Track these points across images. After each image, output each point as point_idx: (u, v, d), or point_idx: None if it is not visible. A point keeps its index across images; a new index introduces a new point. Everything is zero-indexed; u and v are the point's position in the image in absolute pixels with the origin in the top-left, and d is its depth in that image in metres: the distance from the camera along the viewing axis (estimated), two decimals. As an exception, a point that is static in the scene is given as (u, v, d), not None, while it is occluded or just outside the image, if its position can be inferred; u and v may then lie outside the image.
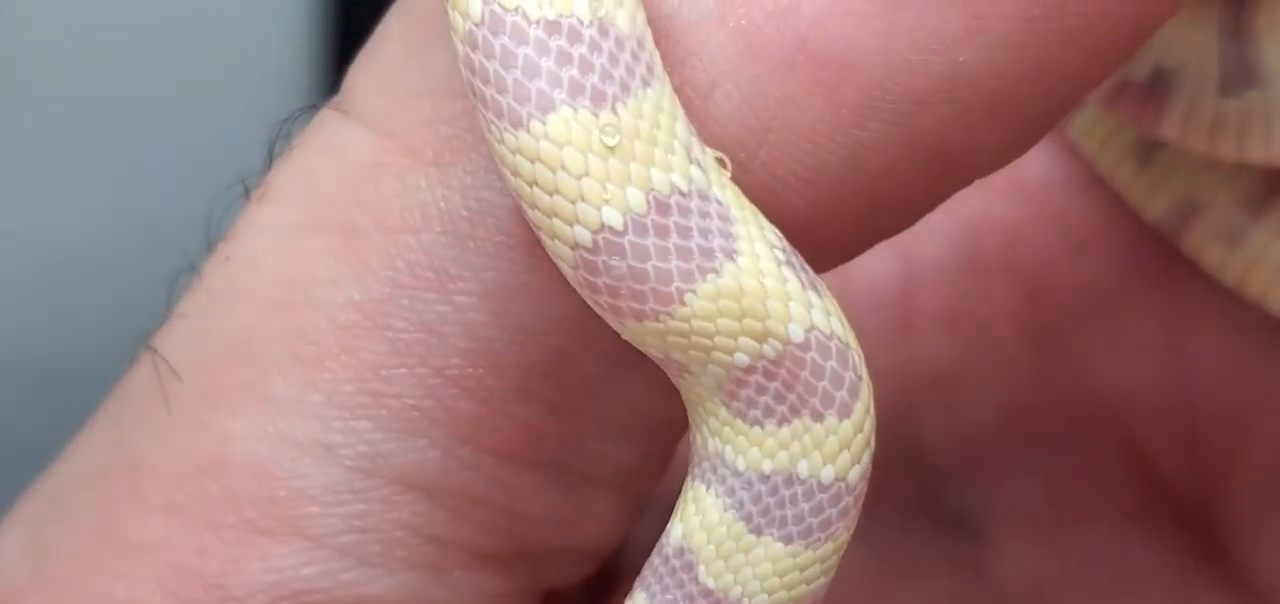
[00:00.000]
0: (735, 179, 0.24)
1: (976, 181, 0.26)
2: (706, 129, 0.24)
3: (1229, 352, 0.34)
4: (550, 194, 0.23)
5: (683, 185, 0.23)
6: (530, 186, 0.23)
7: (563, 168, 0.23)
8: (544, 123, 0.23)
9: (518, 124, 0.23)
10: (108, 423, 0.28)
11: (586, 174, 0.23)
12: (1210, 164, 0.32)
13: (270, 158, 0.28)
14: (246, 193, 0.27)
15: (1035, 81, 0.25)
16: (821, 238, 0.25)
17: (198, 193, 0.29)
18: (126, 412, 0.27)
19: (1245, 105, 0.30)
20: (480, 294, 0.25)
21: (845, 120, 0.24)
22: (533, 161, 0.23)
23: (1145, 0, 0.24)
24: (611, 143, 0.23)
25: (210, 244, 0.28)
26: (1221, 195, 0.33)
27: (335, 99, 0.27)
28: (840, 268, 0.26)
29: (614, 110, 0.23)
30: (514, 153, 0.23)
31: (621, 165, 0.23)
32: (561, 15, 0.23)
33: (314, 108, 0.28)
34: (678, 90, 0.24)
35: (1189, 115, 0.30)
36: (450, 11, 0.24)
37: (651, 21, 0.25)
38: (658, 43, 0.24)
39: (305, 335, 0.26)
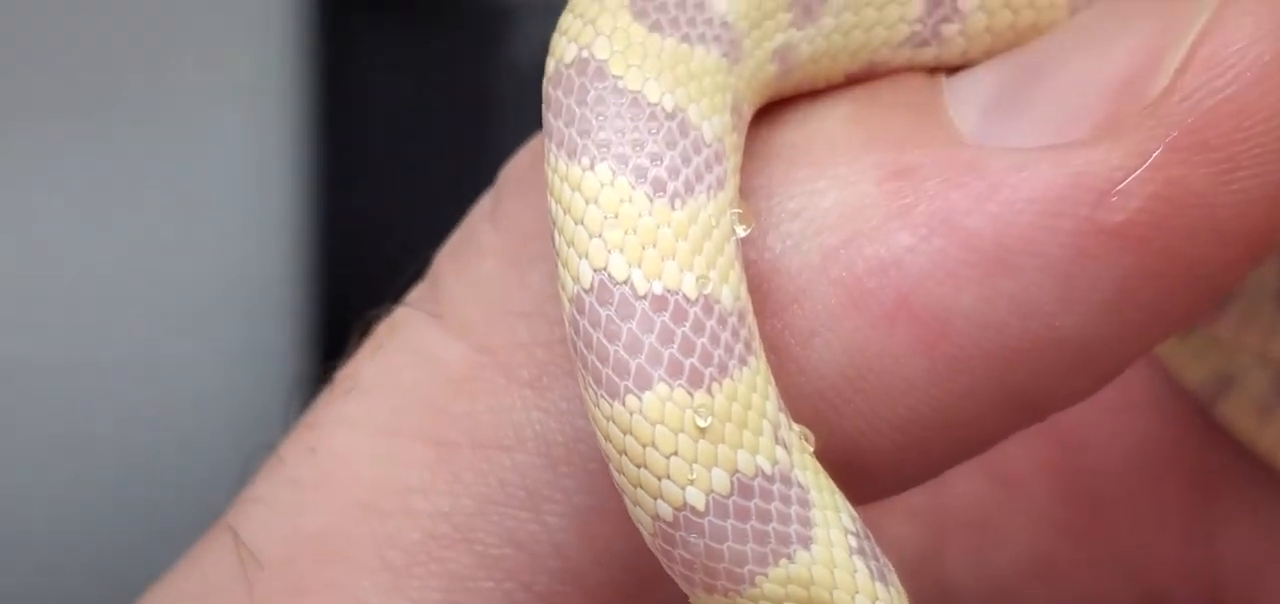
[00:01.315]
0: (828, 425, 0.25)
1: None
2: (804, 376, 0.25)
3: (1258, 519, 0.35)
4: (638, 466, 0.24)
5: (767, 468, 0.24)
6: (619, 454, 0.24)
7: (653, 445, 0.23)
8: (640, 399, 0.24)
9: (614, 395, 0.24)
10: None
11: (675, 453, 0.24)
12: (1247, 333, 0.33)
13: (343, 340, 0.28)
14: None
15: (1127, 339, 0.25)
16: (903, 473, 0.26)
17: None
18: (207, 596, 0.27)
19: None
20: (570, 515, 0.26)
21: (940, 375, 0.25)
22: (624, 433, 0.24)
23: (1227, 271, 0.25)
24: (703, 424, 0.24)
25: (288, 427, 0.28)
26: (1257, 372, 0.33)
27: (425, 294, 0.27)
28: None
29: (709, 391, 0.24)
30: (607, 419, 0.24)
31: (710, 447, 0.24)
32: (669, 290, 0.24)
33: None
34: (777, 335, 0.25)
35: (1245, 319, 0.31)
36: (561, 270, 0.24)
37: (754, 264, 0.25)
38: (759, 286, 0.25)
39: (395, 542, 0.26)
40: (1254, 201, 0.24)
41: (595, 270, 0.24)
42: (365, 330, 0.28)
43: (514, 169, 0.28)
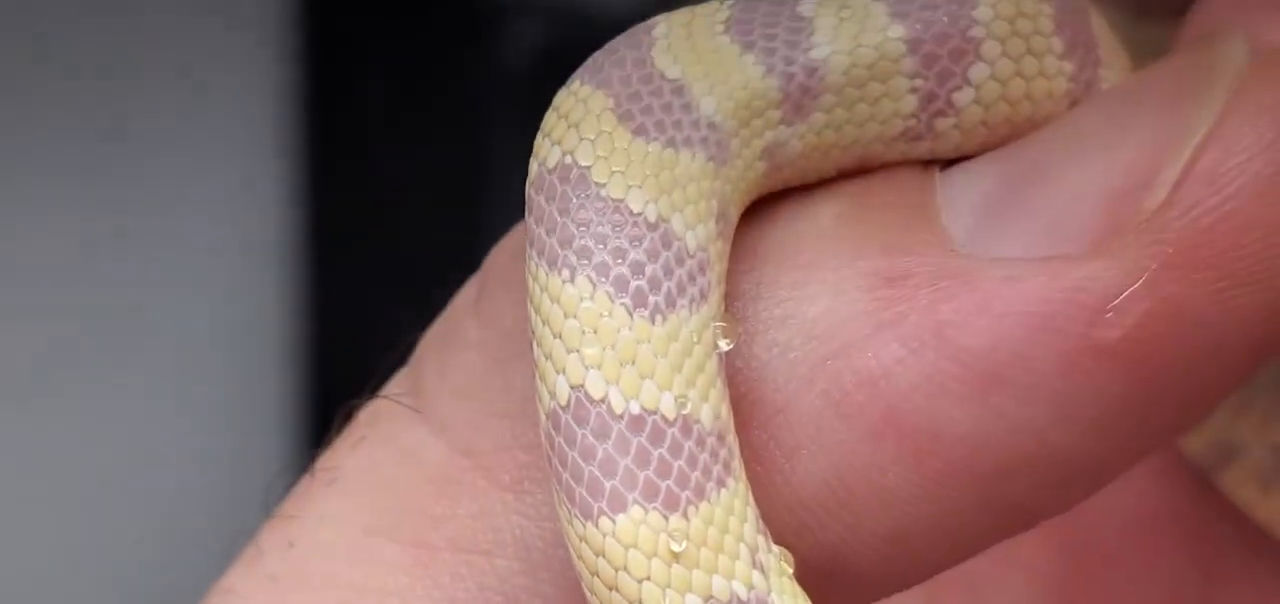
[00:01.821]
0: (812, 536, 0.25)
1: None
2: (788, 488, 0.24)
3: (1258, 587, 0.34)
4: (610, 589, 0.23)
5: (743, 593, 0.23)
6: (591, 575, 0.23)
7: (625, 568, 0.23)
8: (613, 522, 0.23)
9: (588, 516, 0.23)
10: None
11: (648, 578, 0.23)
12: (1249, 412, 0.32)
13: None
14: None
15: (1121, 451, 0.25)
16: (889, 581, 0.25)
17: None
18: None
19: None
20: None
21: (929, 489, 0.24)
22: (597, 555, 0.23)
23: (1224, 384, 0.24)
24: (677, 549, 0.23)
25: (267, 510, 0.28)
26: (1258, 443, 0.33)
27: (408, 383, 0.27)
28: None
29: (685, 515, 0.23)
30: (581, 540, 0.23)
31: (684, 572, 0.23)
32: (646, 410, 0.23)
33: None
34: (762, 446, 0.24)
35: (1243, 406, 0.30)
36: (538, 383, 0.23)
37: (740, 372, 0.24)
38: (745, 394, 0.24)
39: None
40: (1253, 319, 0.24)
41: (572, 387, 0.23)
42: (347, 417, 0.27)
43: (499, 256, 0.27)
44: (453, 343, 0.27)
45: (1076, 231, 0.24)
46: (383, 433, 0.27)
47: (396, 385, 0.27)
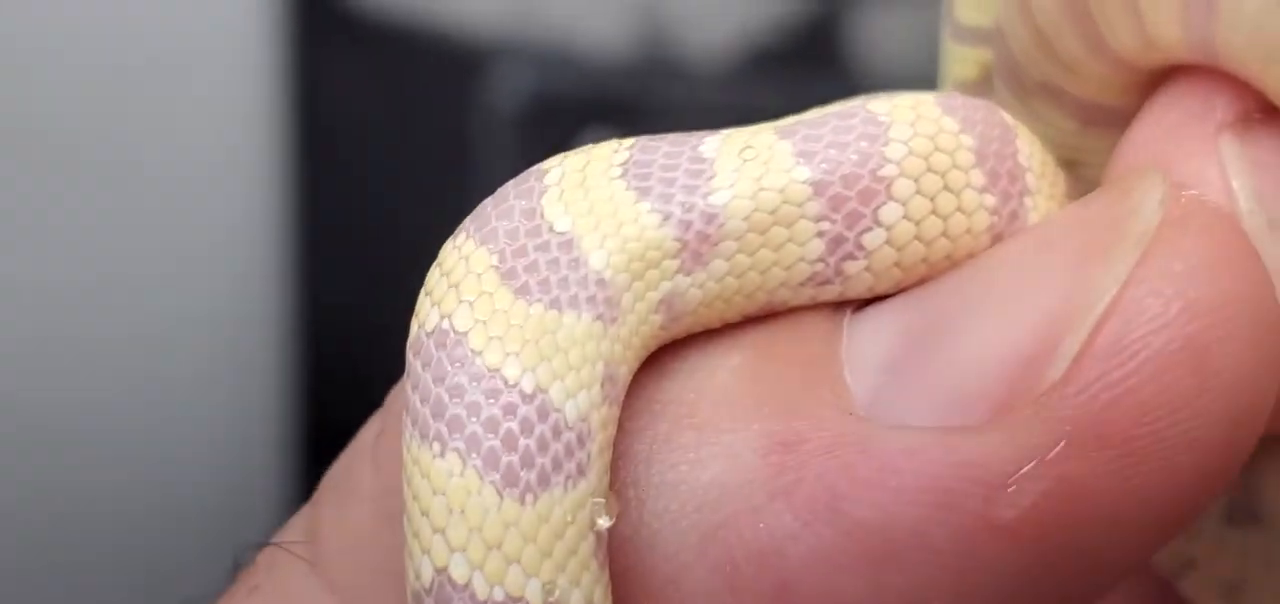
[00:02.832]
0: None
1: None
2: None
3: None
4: None
5: None
6: None
7: None
8: None
9: None
10: None
11: None
12: (1198, 538, 0.31)
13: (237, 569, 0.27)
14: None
15: None
16: None
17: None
18: None
19: (1247, 537, 0.29)
20: None
21: None
22: None
23: (1129, 562, 0.23)
24: None
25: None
26: (1218, 560, 0.32)
27: (305, 525, 0.26)
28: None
29: None
30: None
31: None
32: (511, 597, 0.22)
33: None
34: None
35: (1191, 536, 0.29)
36: (405, 559, 0.23)
37: (628, 540, 0.24)
38: (635, 564, 0.23)
39: None
40: (1156, 497, 0.22)
41: (436, 570, 0.22)
42: (245, 560, 0.27)
43: (400, 393, 0.26)
44: (349, 488, 0.26)
45: (975, 401, 0.23)
46: (277, 583, 0.26)
47: (295, 527, 0.26)
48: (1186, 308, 0.22)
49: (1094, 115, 0.29)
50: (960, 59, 0.34)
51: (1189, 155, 0.25)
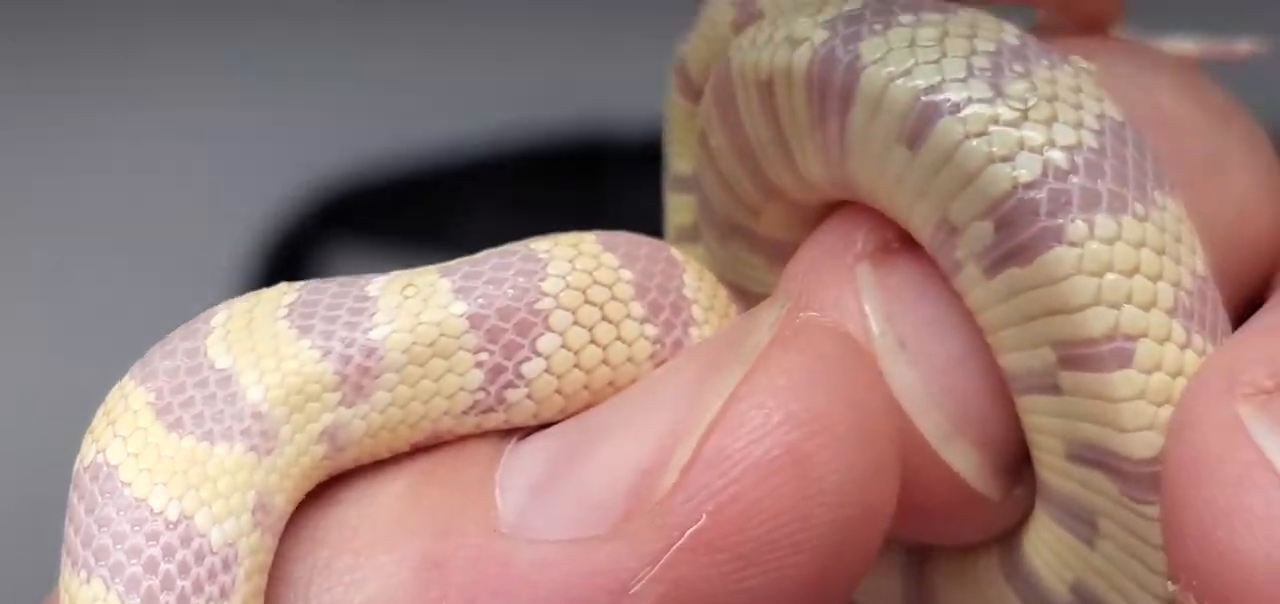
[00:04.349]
0: None
1: None
2: None
3: None
4: None
5: None
6: None
7: None
8: None
9: None
10: None
11: None
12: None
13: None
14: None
15: None
16: None
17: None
18: None
19: None
20: None
21: None
22: None
23: None
24: None
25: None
26: None
27: None
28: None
29: None
30: None
31: None
32: None
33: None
34: None
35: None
36: None
37: None
38: None
39: None
40: (769, 598, 0.24)
41: None
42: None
43: None
44: None
45: (603, 513, 0.24)
46: None
47: None
48: (787, 418, 0.24)
49: (778, 252, 0.30)
50: (677, 207, 0.36)
51: (830, 284, 0.27)
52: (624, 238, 0.28)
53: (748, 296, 0.32)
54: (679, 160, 0.35)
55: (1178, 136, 0.27)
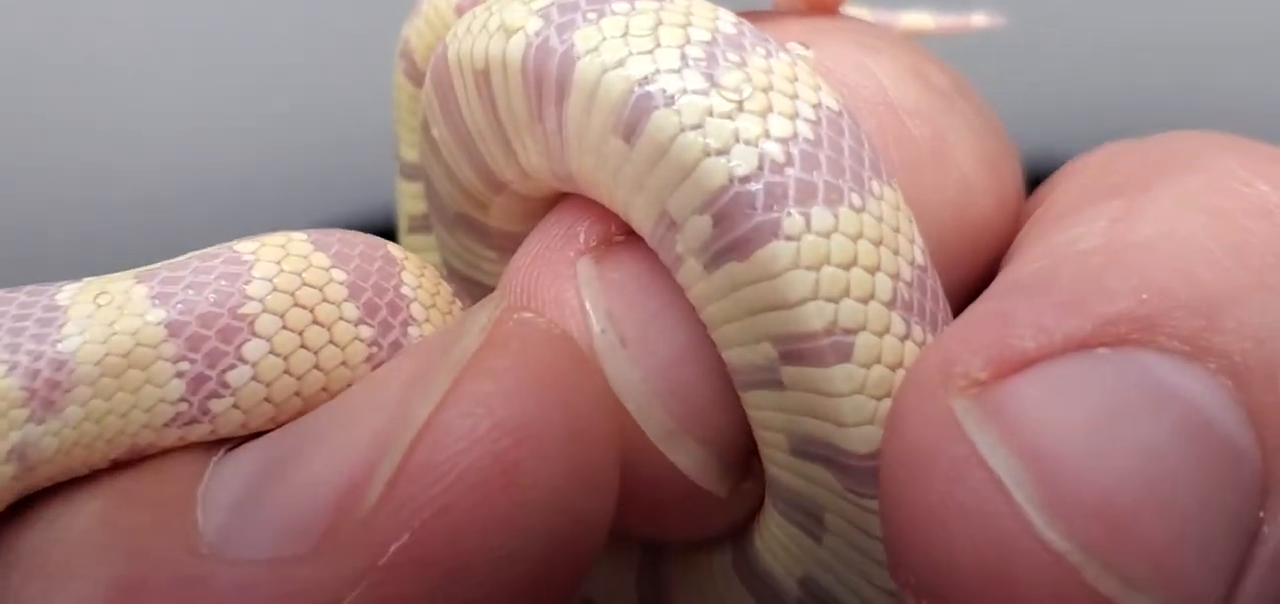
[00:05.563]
0: None
1: None
2: None
3: None
4: None
5: None
6: None
7: None
8: None
9: None
10: None
11: None
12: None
13: None
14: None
15: None
16: None
17: None
18: None
19: None
20: None
21: None
22: None
23: None
24: None
25: None
26: None
27: None
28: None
29: None
30: None
31: None
32: None
33: None
34: None
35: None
36: None
37: None
38: None
39: None
40: None
41: None
42: None
43: None
44: None
45: (307, 530, 0.23)
46: None
47: None
48: (495, 426, 0.23)
49: (509, 244, 0.29)
50: (408, 195, 0.35)
51: (550, 280, 0.26)
52: (337, 236, 0.27)
53: (481, 289, 0.31)
54: (406, 146, 0.34)
55: (899, 120, 0.27)
